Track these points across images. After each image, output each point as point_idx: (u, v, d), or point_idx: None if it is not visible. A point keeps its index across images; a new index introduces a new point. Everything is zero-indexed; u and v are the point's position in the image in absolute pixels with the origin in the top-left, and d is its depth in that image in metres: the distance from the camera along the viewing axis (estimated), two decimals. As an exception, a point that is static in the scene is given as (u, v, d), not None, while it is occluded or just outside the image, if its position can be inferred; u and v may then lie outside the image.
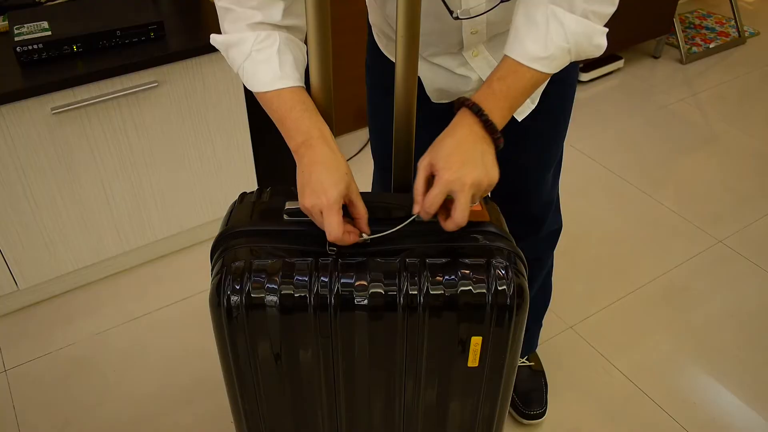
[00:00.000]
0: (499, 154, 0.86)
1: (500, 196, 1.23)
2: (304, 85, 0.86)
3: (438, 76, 1.06)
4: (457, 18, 0.89)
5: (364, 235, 0.82)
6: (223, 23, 0.87)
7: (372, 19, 1.11)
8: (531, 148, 1.16)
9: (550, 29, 0.81)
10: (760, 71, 2.93)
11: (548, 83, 1.07)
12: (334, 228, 0.77)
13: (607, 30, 0.84)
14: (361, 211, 0.82)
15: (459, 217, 0.79)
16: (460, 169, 0.78)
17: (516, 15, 0.84)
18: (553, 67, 0.83)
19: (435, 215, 0.81)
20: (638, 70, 2.93)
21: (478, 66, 1.02)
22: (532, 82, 0.84)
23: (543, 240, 1.33)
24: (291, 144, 0.83)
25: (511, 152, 1.15)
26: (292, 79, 0.84)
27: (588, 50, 0.84)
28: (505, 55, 0.84)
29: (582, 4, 0.80)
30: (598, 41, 0.83)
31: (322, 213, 0.78)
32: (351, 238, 0.80)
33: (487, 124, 0.82)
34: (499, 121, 0.83)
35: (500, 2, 0.88)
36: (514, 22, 0.84)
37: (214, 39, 0.88)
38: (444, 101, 1.11)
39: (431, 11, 0.92)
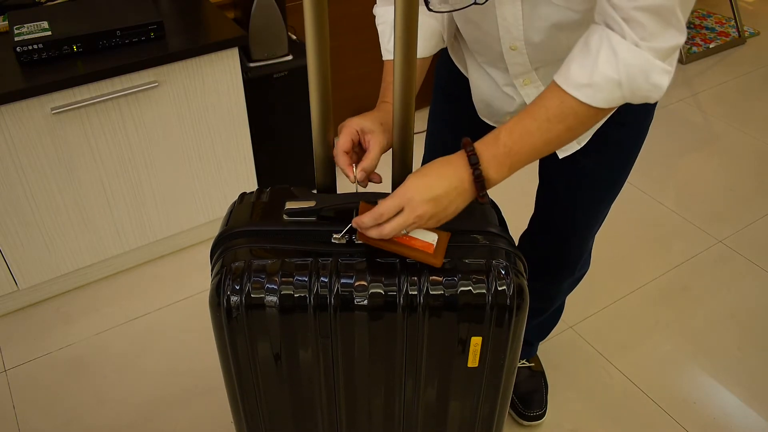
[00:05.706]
0: (550, 188, 0.87)
1: (540, 229, 1.21)
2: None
3: (485, 84, 1.04)
4: (430, 10, 0.87)
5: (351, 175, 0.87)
6: None
7: None
8: (582, 189, 1.11)
9: (601, 55, 0.72)
10: (760, 71, 2.93)
11: (615, 125, 1.00)
12: (340, 141, 0.87)
13: (669, 69, 0.72)
14: (369, 153, 0.87)
15: (387, 227, 0.78)
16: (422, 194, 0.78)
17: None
18: (599, 100, 0.74)
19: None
20: (638, 70, 2.93)
21: (527, 94, 0.99)
22: (573, 115, 0.75)
23: (569, 284, 1.33)
24: None
25: (563, 189, 1.11)
26: (390, 52, 0.97)
27: (643, 88, 0.73)
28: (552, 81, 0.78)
29: (637, 33, 0.70)
30: (656, 80, 0.72)
31: None
32: (344, 161, 0.86)
33: (478, 180, 0.78)
34: (494, 177, 0.79)
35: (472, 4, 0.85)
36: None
37: (375, 10, 1.01)
38: (486, 120, 1.09)
39: (473, 18, 0.92)
